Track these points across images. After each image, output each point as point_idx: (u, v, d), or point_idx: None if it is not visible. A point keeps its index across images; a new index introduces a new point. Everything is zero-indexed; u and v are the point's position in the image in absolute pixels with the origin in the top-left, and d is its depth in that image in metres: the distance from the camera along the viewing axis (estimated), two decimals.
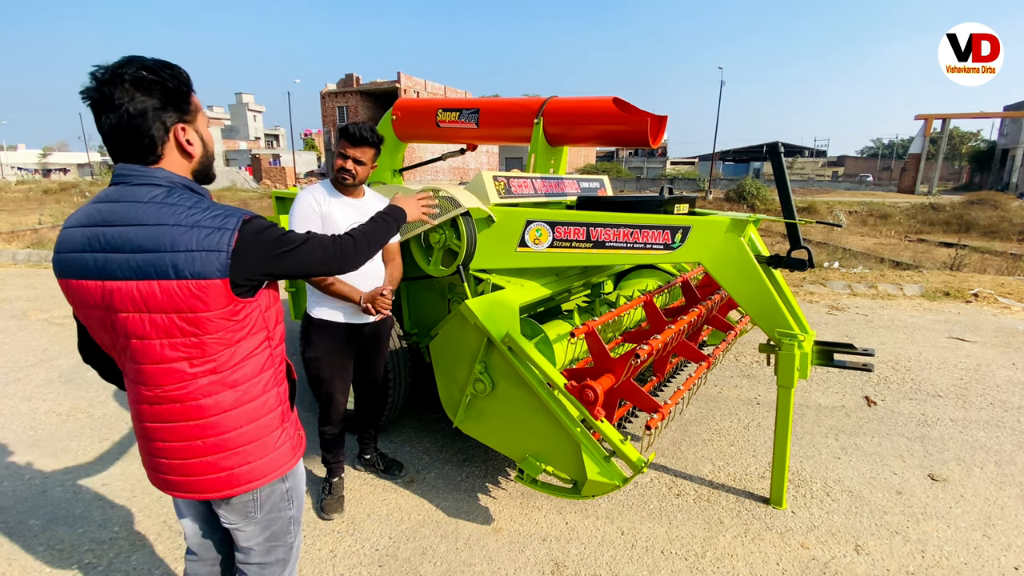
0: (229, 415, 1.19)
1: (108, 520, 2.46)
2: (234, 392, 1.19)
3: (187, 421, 1.17)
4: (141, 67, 1.05)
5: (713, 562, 2.24)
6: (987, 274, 9.00)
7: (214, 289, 1.08)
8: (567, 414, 2.13)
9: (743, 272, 2.36)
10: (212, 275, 1.07)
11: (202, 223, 1.07)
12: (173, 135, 1.10)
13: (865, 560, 2.26)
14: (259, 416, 1.24)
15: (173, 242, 1.04)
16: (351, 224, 2.24)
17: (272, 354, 1.26)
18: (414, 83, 38.64)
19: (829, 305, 6.48)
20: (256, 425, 1.23)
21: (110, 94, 1.02)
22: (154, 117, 1.06)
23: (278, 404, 1.28)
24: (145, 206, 1.06)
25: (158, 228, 1.05)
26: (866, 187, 43.82)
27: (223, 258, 1.07)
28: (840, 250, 13.19)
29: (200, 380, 1.15)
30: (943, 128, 39.45)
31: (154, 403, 1.16)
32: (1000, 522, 2.51)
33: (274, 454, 1.28)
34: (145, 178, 1.09)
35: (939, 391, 3.99)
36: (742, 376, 4.24)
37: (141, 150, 1.08)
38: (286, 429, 1.31)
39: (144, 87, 1.04)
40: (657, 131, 3.11)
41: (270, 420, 1.26)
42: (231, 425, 1.20)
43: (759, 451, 3.11)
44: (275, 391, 1.27)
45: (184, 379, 1.14)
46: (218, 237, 1.07)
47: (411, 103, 3.97)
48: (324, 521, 2.46)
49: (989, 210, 21.71)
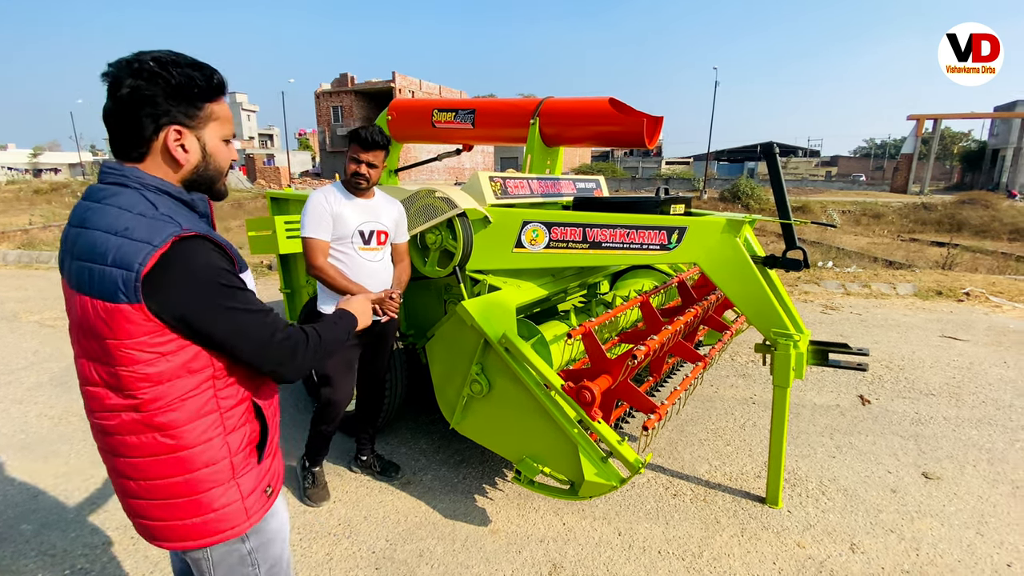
0: (155, 461, 1.01)
1: (102, 525, 2.44)
2: (160, 436, 1.00)
3: (114, 455, 1.03)
4: (154, 58, 0.97)
5: (710, 562, 2.25)
6: (979, 273, 9.08)
7: (121, 316, 0.91)
8: (564, 415, 2.13)
9: (739, 272, 2.37)
10: (115, 298, 0.90)
11: (130, 231, 0.91)
12: (164, 136, 0.98)
13: (860, 559, 2.27)
14: (193, 468, 1.03)
15: (92, 249, 0.92)
16: (362, 224, 2.32)
17: (217, 396, 1.04)
18: (409, 83, 38.58)
19: (823, 304, 6.52)
20: (189, 478, 1.04)
21: (117, 78, 0.95)
22: (148, 112, 0.96)
23: (223, 456, 1.06)
24: (97, 207, 0.96)
25: (94, 233, 0.93)
26: (859, 187, 44.11)
27: (130, 280, 0.89)
28: (834, 250, 13.28)
29: (122, 415, 0.99)
30: (935, 128, 39.77)
31: (94, 429, 1.05)
32: (993, 519, 2.53)
33: (219, 512, 1.08)
34: (115, 176, 0.98)
35: (932, 390, 4.02)
36: (738, 376, 4.25)
37: (124, 143, 0.99)
38: (238, 485, 1.09)
39: (146, 77, 0.95)
40: (653, 132, 3.11)
41: (210, 474, 1.05)
42: (157, 472, 1.02)
43: (755, 451, 3.12)
44: (220, 440, 1.05)
45: (107, 408, 0.99)
46: (132, 252, 0.89)
47: (407, 103, 3.96)
48: (319, 523, 2.45)
49: (980, 210, 21.91)
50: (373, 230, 2.37)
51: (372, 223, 2.36)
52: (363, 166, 2.26)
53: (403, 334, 3.09)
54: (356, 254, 2.34)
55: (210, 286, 0.95)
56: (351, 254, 2.33)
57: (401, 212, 2.49)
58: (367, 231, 2.35)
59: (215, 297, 0.96)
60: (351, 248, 2.33)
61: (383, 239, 2.41)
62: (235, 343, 1.00)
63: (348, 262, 2.33)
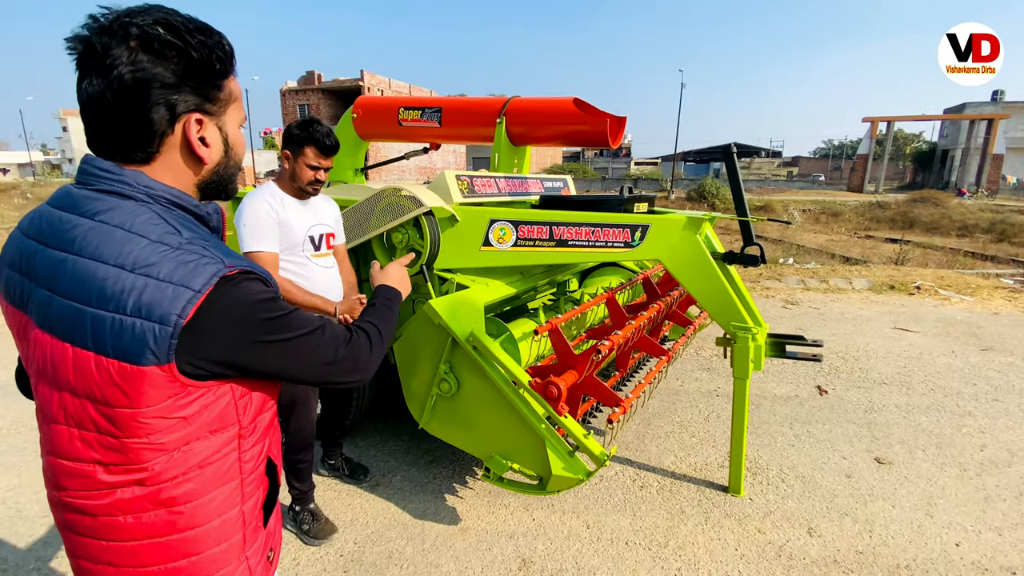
0: (157, 543, 0.80)
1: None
2: (168, 513, 0.79)
3: (97, 539, 0.80)
4: (160, 21, 0.72)
5: (675, 551, 2.31)
6: (929, 268, 9.55)
7: (147, 380, 0.71)
8: (532, 411, 2.15)
9: (699, 268, 2.44)
10: (142, 360, 0.70)
11: (155, 270, 0.70)
12: (182, 128, 0.76)
13: (817, 542, 2.37)
14: (204, 548, 0.83)
15: (102, 293, 0.69)
16: (311, 228, 2.14)
17: (241, 459, 0.85)
18: (378, 81, 38.09)
19: (784, 300, 6.74)
20: (197, 560, 0.83)
21: (103, 48, 0.70)
22: (159, 96, 0.73)
23: (239, 529, 0.87)
24: (91, 227, 0.72)
25: (90, 265, 0.70)
26: (819, 186, 45.71)
27: (165, 335, 0.69)
28: (794, 247, 13.72)
29: (119, 492, 0.77)
30: (888, 130, 41.56)
31: (60, 507, 0.81)
32: (941, 501, 2.67)
33: None
34: (110, 183, 0.74)
35: (884, 379, 4.21)
36: (702, 369, 4.36)
37: (125, 140, 0.75)
38: (246, 560, 0.90)
39: (156, 50, 0.71)
40: (617, 132, 3.17)
41: (222, 552, 0.85)
42: (157, 557, 0.81)
43: (718, 441, 3.21)
44: (237, 511, 0.86)
45: (95, 487, 0.77)
46: (168, 298, 0.69)
47: (372, 101, 3.93)
48: (285, 528, 2.41)
49: (931, 208, 23.00)
50: (322, 233, 2.19)
51: (319, 226, 2.18)
52: (321, 172, 2.08)
53: None
54: (310, 262, 2.13)
55: (258, 326, 0.77)
56: (305, 263, 2.12)
57: (338, 210, 2.35)
58: (316, 235, 2.17)
59: (263, 334, 0.77)
60: (303, 257, 2.11)
61: (331, 242, 2.25)
62: (298, 373, 0.84)
63: (303, 273, 2.11)
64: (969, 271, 9.34)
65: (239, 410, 0.82)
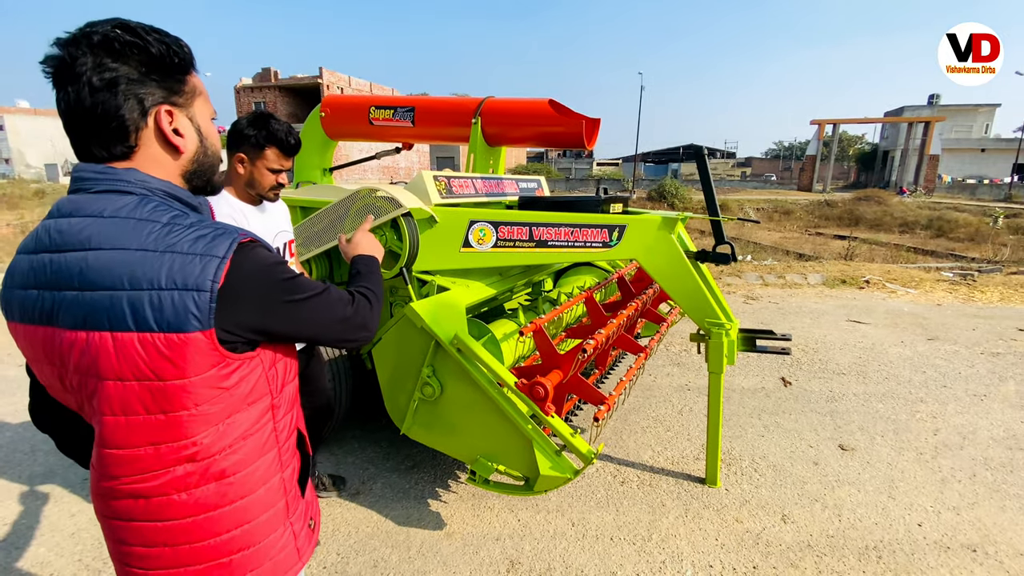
0: (210, 517, 0.87)
1: (10, 565, 2.18)
2: (219, 486, 0.86)
3: (152, 521, 0.85)
4: (117, 25, 0.79)
5: (659, 543, 2.35)
6: (875, 263, 10.09)
7: (192, 347, 0.77)
8: (518, 412, 2.15)
9: (674, 267, 2.49)
10: (188, 326, 0.76)
11: (178, 246, 0.77)
12: (154, 119, 0.82)
13: (791, 528, 2.46)
14: (253, 516, 0.91)
15: (133, 275, 0.75)
16: (275, 236, 2.02)
17: (276, 429, 0.94)
18: (337, 79, 37.27)
19: (745, 295, 6.98)
20: (248, 528, 0.91)
21: (71, 60, 0.76)
22: (127, 91, 0.79)
23: (281, 496, 0.96)
24: (104, 222, 0.78)
25: (115, 254, 0.76)
26: (771, 186, 47.64)
27: (205, 300, 0.76)
28: (751, 244, 14.25)
29: (172, 471, 0.83)
30: (834, 132, 43.66)
31: (111, 496, 0.85)
32: (902, 484, 2.82)
33: (275, 560, 0.96)
34: (109, 183, 0.80)
35: (842, 369, 4.42)
36: (673, 364, 4.47)
37: (105, 137, 0.80)
38: (291, 526, 0.99)
39: (116, 51, 0.78)
40: (592, 133, 3.21)
41: (269, 519, 0.94)
42: (212, 530, 0.88)
43: (692, 434, 3.29)
44: (278, 478, 0.95)
45: (149, 469, 0.83)
46: (199, 267, 0.76)
47: (341, 100, 3.84)
48: None
49: (874, 205, 24.31)
50: (286, 241, 2.09)
51: (283, 233, 2.07)
52: (283, 175, 1.92)
53: None
54: None
55: (279, 287, 0.85)
56: None
57: (288, 210, 2.21)
58: (281, 244, 2.06)
59: (286, 295, 0.86)
60: None
61: (292, 249, 2.14)
62: (317, 331, 0.94)
63: None
64: (912, 265, 9.92)
65: (269, 381, 0.90)
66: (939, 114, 40.94)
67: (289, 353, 0.97)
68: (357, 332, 1.00)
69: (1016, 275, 8.22)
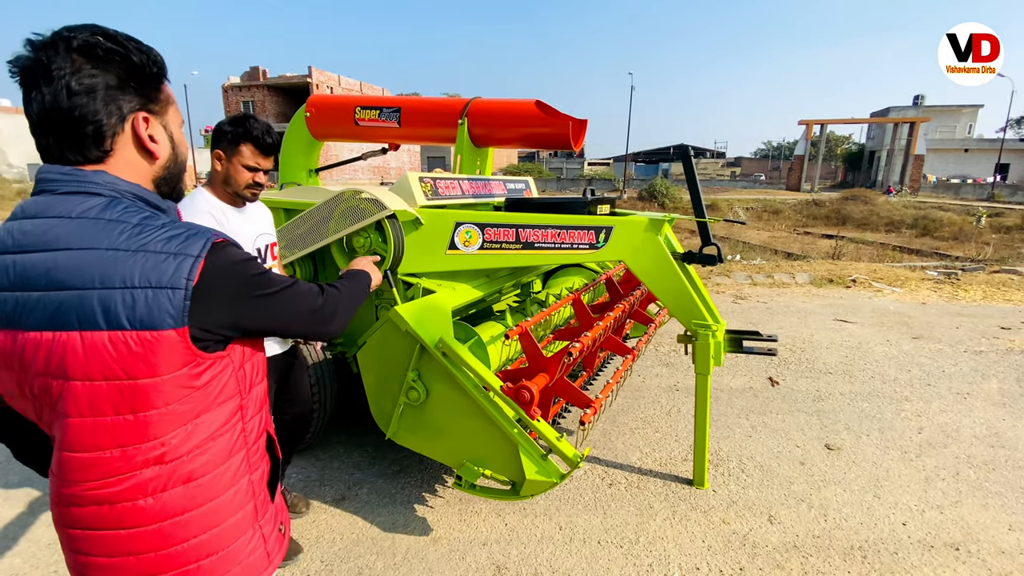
0: (177, 522, 0.86)
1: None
2: (186, 489, 0.85)
3: (116, 529, 0.84)
4: (97, 32, 0.80)
5: (646, 546, 2.34)
6: (862, 262, 10.19)
7: (165, 345, 0.78)
8: (504, 416, 2.13)
9: (661, 268, 2.49)
10: (162, 324, 0.77)
11: (150, 246, 0.77)
12: (131, 126, 0.83)
13: (778, 528, 2.47)
14: (221, 520, 0.90)
15: (104, 274, 0.75)
16: (256, 238, 1.99)
17: (245, 430, 0.93)
18: (327, 78, 37.01)
19: (733, 295, 7.02)
20: (217, 532, 0.90)
21: (47, 62, 0.76)
22: (107, 97, 0.80)
23: (250, 498, 0.95)
24: (73, 223, 0.78)
25: (85, 253, 0.76)
26: (760, 186, 48.01)
27: (179, 298, 0.77)
28: (740, 244, 14.34)
29: (139, 474, 0.82)
30: (821, 132, 44.10)
31: (73, 503, 0.83)
32: (887, 483, 2.84)
33: (239, 568, 0.94)
34: (76, 184, 0.80)
35: (829, 368, 4.45)
36: (662, 365, 4.48)
37: (81, 142, 0.80)
38: (260, 529, 0.98)
39: (97, 58, 0.79)
40: (578, 134, 3.19)
41: (237, 522, 0.93)
42: (179, 535, 0.86)
43: (681, 436, 3.30)
44: (246, 480, 0.94)
45: (115, 473, 0.81)
46: (173, 266, 0.77)
47: (326, 99, 3.80)
48: None
49: (861, 205, 24.59)
50: (267, 243, 2.06)
51: (264, 236, 2.05)
52: (261, 174, 1.90)
53: (331, 343, 2.96)
54: None
55: (250, 282, 0.87)
56: None
57: (271, 214, 2.20)
58: (262, 247, 2.03)
59: (256, 289, 0.88)
60: None
61: (275, 252, 2.10)
62: (289, 323, 0.96)
63: None
64: (898, 264, 10.04)
65: (239, 381, 0.91)
66: (924, 115, 41.51)
67: (258, 354, 0.98)
68: (328, 323, 1.03)
69: (998, 273, 8.34)
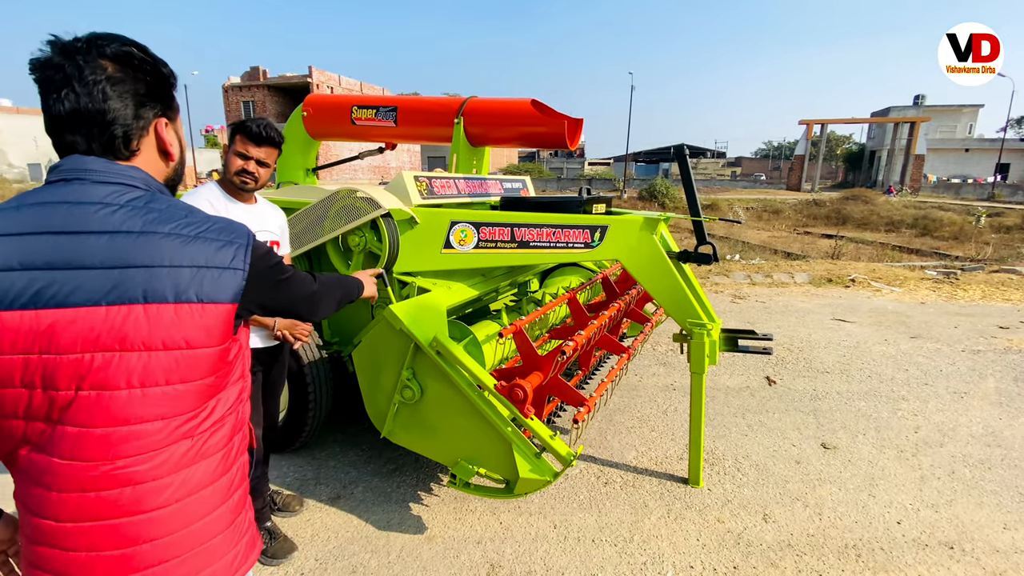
0: (197, 500, 0.89)
1: None
2: (206, 466, 0.89)
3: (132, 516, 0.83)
4: (130, 43, 0.86)
5: (640, 545, 2.35)
6: (861, 261, 10.19)
7: (222, 318, 0.87)
8: (498, 414, 2.14)
9: (656, 267, 2.49)
10: (224, 298, 0.86)
11: (206, 234, 0.87)
12: (155, 129, 0.91)
13: (772, 527, 2.47)
14: (227, 498, 0.94)
15: (173, 254, 0.82)
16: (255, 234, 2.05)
17: (242, 411, 0.99)
18: (327, 78, 37.03)
19: (732, 294, 7.02)
20: (222, 511, 0.94)
21: (80, 66, 0.81)
22: (139, 102, 0.87)
23: (242, 480, 1.00)
24: (122, 210, 0.82)
25: (147, 237, 0.82)
26: (760, 185, 47.99)
27: (239, 279, 0.88)
28: (740, 243, 14.35)
29: (172, 449, 0.84)
30: (822, 132, 44.06)
31: (89, 489, 0.80)
32: (882, 482, 2.84)
33: (235, 549, 0.97)
34: (114, 175, 0.85)
35: (826, 368, 4.45)
36: (659, 364, 4.48)
37: (111, 142, 0.86)
38: (247, 513, 1.02)
39: (133, 67, 0.86)
40: (574, 133, 3.20)
41: (238, 502, 0.98)
42: (196, 512, 0.89)
43: (677, 435, 3.30)
44: (240, 462, 0.99)
45: (153, 448, 0.83)
46: (231, 252, 0.88)
47: (323, 99, 3.80)
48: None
49: (861, 204, 24.59)
50: (266, 240, 2.06)
51: (264, 232, 2.07)
52: (251, 163, 1.96)
53: (327, 342, 2.96)
54: None
55: (275, 269, 1.01)
56: None
57: (284, 219, 2.22)
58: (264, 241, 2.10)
59: (279, 275, 1.02)
60: None
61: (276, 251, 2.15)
62: (295, 304, 1.11)
63: None
64: (897, 264, 10.04)
65: (244, 362, 0.99)
66: (924, 114, 41.45)
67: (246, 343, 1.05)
68: (321, 305, 1.21)
69: (997, 273, 8.34)
